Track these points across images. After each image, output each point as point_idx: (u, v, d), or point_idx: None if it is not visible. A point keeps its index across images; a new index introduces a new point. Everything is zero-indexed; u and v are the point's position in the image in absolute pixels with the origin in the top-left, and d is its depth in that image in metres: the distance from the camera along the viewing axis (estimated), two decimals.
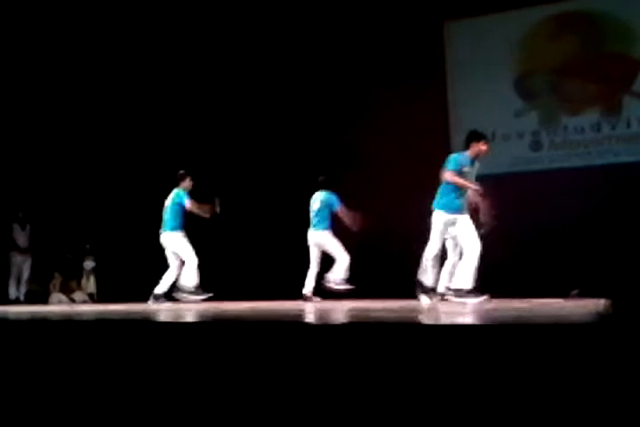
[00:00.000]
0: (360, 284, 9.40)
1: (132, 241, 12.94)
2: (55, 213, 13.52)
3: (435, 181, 7.61)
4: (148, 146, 13.26)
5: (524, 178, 10.80)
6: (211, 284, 9.39)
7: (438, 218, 7.37)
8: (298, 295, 9.60)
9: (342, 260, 9.44)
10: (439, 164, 10.01)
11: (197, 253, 9.30)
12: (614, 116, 10.85)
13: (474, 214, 7.87)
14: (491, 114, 11.27)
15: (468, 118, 11.41)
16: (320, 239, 9.65)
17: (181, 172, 9.69)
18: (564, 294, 8.35)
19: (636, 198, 9.99)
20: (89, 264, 14.02)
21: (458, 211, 7.33)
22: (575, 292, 9.15)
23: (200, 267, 9.27)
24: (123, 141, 13.51)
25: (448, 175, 7.30)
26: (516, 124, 11.34)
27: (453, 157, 7.42)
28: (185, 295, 9.15)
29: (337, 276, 9.41)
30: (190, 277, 9.20)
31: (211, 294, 9.07)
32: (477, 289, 7.06)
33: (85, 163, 13.69)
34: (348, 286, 9.33)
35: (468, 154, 7.41)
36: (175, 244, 9.41)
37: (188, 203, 9.36)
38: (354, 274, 9.52)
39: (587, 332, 3.01)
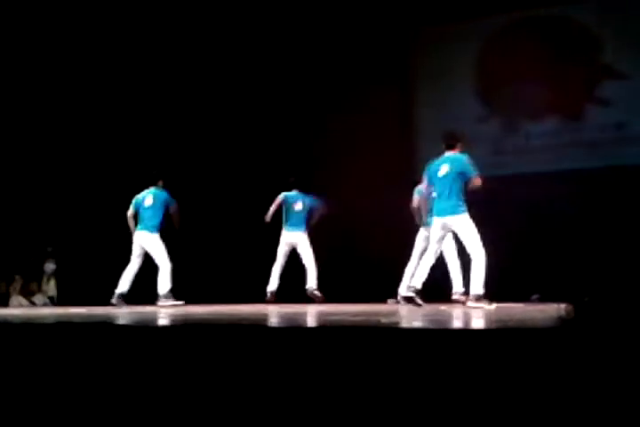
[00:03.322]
0: (330, 287, 9.53)
1: (93, 244, 12.85)
2: (16, 214, 13.37)
3: (403, 183, 7.74)
4: (111, 149, 13.17)
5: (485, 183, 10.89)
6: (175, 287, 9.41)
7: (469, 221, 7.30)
8: (257, 299, 9.64)
9: (311, 267, 9.59)
10: (404, 168, 10.11)
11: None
12: (576, 122, 10.96)
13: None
14: (454, 119, 11.33)
15: (431, 123, 11.49)
16: (297, 239, 9.77)
17: (157, 170, 9.68)
18: (524, 298, 8.43)
19: (597, 203, 10.10)
20: (50, 267, 13.89)
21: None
22: (535, 296, 9.23)
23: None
24: (85, 144, 13.38)
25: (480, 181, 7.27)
26: (479, 129, 11.39)
27: (467, 159, 7.39)
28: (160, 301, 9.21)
29: (313, 284, 9.59)
30: (164, 283, 9.25)
31: (181, 302, 9.01)
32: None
33: (46, 165, 13.55)
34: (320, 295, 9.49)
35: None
36: (152, 245, 9.40)
37: (175, 208, 9.46)
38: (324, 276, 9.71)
39: (548, 337, 3.04)
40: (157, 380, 3.52)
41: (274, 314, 6.19)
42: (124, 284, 9.43)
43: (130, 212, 9.60)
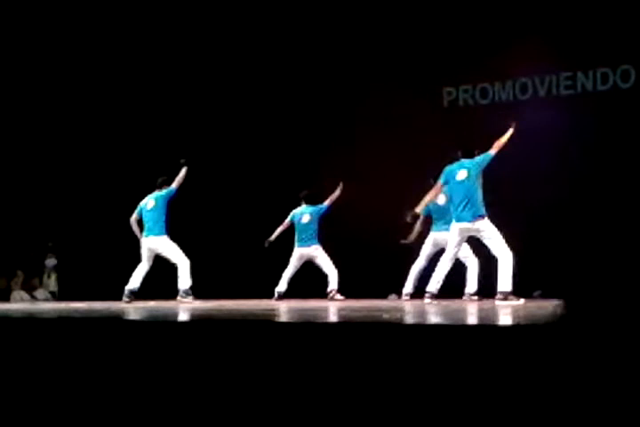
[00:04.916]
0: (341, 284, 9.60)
1: (94, 239, 12.85)
2: (17, 210, 13.38)
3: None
4: (110, 146, 13.17)
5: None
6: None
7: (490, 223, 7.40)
8: (263, 294, 9.65)
9: (332, 272, 9.60)
10: (411, 169, 10.05)
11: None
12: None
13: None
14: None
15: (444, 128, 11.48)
16: (312, 253, 9.77)
17: (164, 178, 9.58)
18: (526, 294, 8.43)
19: (596, 200, 10.07)
20: (51, 262, 13.91)
21: None
22: (538, 293, 9.23)
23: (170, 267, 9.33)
24: (84, 141, 13.38)
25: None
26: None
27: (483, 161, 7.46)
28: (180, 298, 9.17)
29: (333, 286, 9.57)
30: (185, 279, 9.21)
31: (199, 301, 8.93)
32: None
33: (47, 161, 13.56)
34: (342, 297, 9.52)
35: None
36: (165, 248, 9.34)
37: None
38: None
39: (545, 332, 3.04)
40: (161, 376, 3.52)
41: (278, 310, 6.19)
42: (135, 281, 9.36)
43: (133, 217, 9.53)
